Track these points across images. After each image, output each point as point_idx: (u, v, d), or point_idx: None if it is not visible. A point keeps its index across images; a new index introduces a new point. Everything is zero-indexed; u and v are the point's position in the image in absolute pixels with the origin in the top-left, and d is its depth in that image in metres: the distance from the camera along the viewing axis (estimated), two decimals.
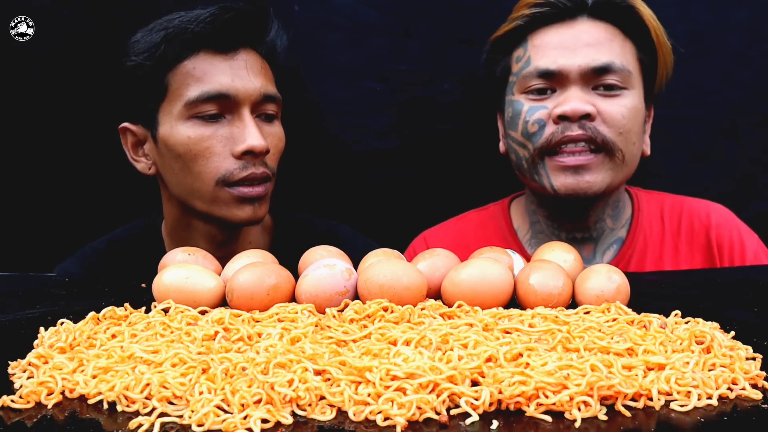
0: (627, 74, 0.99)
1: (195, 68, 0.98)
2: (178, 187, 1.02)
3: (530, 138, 1.00)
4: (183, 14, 0.99)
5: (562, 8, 1.00)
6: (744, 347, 0.62)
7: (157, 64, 0.98)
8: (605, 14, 1.00)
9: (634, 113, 1.00)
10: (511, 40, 1.05)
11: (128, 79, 1.01)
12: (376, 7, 1.28)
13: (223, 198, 0.99)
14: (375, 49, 1.29)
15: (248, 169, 0.99)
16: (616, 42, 1.00)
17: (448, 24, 1.27)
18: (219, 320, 0.66)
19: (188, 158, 0.98)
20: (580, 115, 0.97)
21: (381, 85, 1.30)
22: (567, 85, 0.99)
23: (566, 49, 0.99)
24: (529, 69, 1.01)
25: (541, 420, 0.52)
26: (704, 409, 0.54)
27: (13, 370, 0.61)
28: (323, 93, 1.30)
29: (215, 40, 0.99)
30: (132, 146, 1.05)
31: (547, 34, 1.01)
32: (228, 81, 0.98)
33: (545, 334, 0.62)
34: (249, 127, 0.98)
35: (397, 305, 0.68)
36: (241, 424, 0.51)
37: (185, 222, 1.06)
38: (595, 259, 1.09)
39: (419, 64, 1.29)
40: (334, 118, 1.31)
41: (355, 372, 0.55)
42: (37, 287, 0.91)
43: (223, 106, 0.98)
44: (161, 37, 0.98)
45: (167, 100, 0.99)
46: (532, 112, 1.00)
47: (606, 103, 0.98)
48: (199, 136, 0.98)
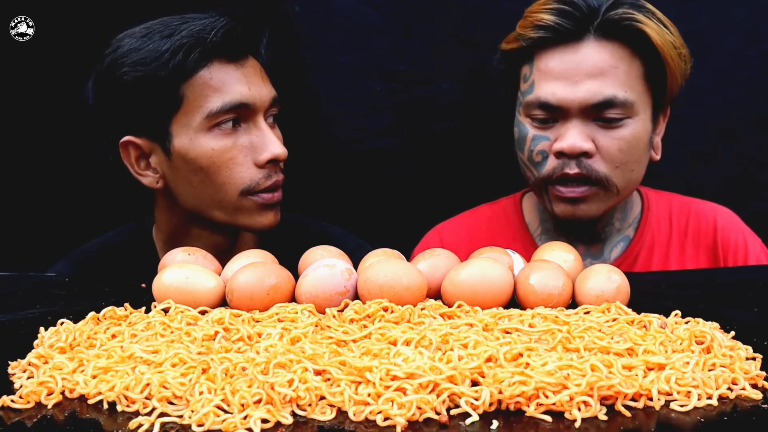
0: (629, 105, 0.99)
1: (212, 78, 0.96)
2: (195, 199, 1.00)
3: (535, 166, 1.03)
4: (186, 20, 0.97)
5: (565, 32, 0.99)
6: (744, 347, 0.62)
7: (171, 75, 0.94)
8: (612, 34, 0.99)
9: (633, 143, 1.00)
10: (519, 55, 1.04)
11: (133, 90, 0.95)
12: (376, 7, 1.28)
13: (246, 207, 0.99)
14: (375, 49, 1.29)
15: (272, 178, 0.99)
16: (620, 68, 0.99)
17: (448, 24, 1.27)
18: (219, 320, 0.66)
19: (212, 170, 0.96)
20: (578, 153, 0.98)
21: (381, 85, 1.30)
22: (568, 117, 0.99)
23: (568, 80, 0.98)
24: (532, 98, 1.01)
25: (541, 420, 0.52)
26: (704, 409, 0.54)
27: (13, 370, 0.61)
28: (323, 93, 1.30)
29: (229, 48, 0.97)
30: (136, 160, 1.00)
31: (552, 57, 1.00)
32: (245, 90, 0.97)
33: (545, 334, 0.62)
34: (268, 135, 0.98)
35: (397, 305, 0.68)
36: (241, 424, 0.51)
37: (185, 230, 1.05)
38: (603, 256, 1.10)
39: (419, 64, 1.29)
40: (334, 117, 1.31)
41: (355, 372, 0.55)
42: (37, 287, 0.91)
43: (241, 115, 0.98)
44: (175, 45, 0.94)
45: (182, 112, 0.96)
46: (536, 142, 1.02)
47: (605, 137, 0.99)
48: (223, 148, 0.96)
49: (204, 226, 1.03)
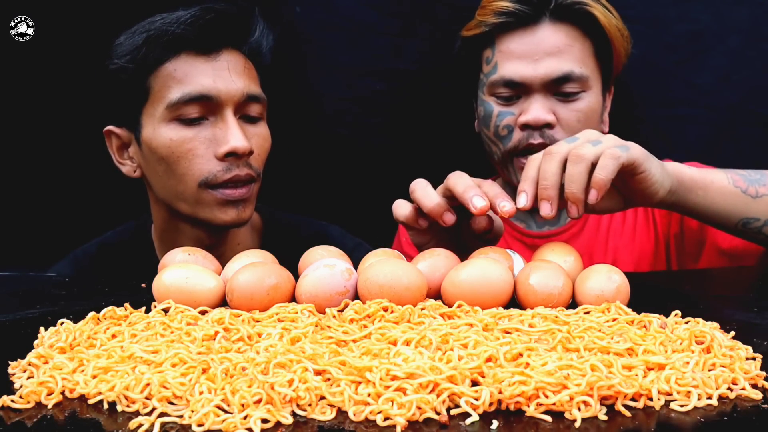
0: (585, 79, 1.09)
1: (176, 70, 0.97)
2: (163, 189, 1.02)
3: (501, 140, 1.12)
4: (165, 16, 0.99)
5: (524, 16, 1.08)
6: (744, 347, 0.62)
7: (139, 67, 0.97)
8: (565, 17, 1.09)
9: (589, 114, 1.10)
10: (480, 40, 1.13)
11: (111, 82, 1.00)
12: (376, 7, 1.28)
13: (206, 200, 0.99)
14: (375, 49, 1.29)
15: (232, 171, 0.98)
16: (575, 46, 1.09)
17: (448, 24, 1.27)
18: (219, 320, 0.66)
19: (171, 161, 0.98)
20: (541, 124, 1.07)
21: (381, 84, 1.30)
22: (530, 93, 1.09)
23: (529, 59, 1.08)
24: (496, 77, 1.10)
25: (541, 420, 0.52)
26: (704, 409, 0.54)
27: (13, 370, 0.61)
28: (324, 93, 1.30)
29: (196, 41, 0.98)
30: (117, 149, 1.05)
31: (512, 40, 1.09)
32: (210, 82, 0.97)
33: (545, 334, 0.62)
34: (232, 128, 0.98)
35: (397, 305, 0.68)
36: (241, 424, 0.51)
37: (173, 225, 1.06)
38: (559, 223, 1.19)
39: (419, 64, 1.29)
40: (335, 117, 1.31)
41: (355, 372, 0.55)
42: (37, 287, 0.91)
43: (206, 108, 0.98)
44: (143, 39, 0.97)
45: (150, 103, 0.99)
46: (501, 117, 1.11)
47: (565, 109, 1.09)
48: (181, 138, 0.97)
49: (184, 220, 1.04)
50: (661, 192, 0.81)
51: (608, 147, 0.77)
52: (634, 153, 0.77)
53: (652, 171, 0.79)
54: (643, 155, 0.78)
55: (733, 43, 1.27)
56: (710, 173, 0.88)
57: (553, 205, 0.76)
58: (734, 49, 1.27)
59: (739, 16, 1.27)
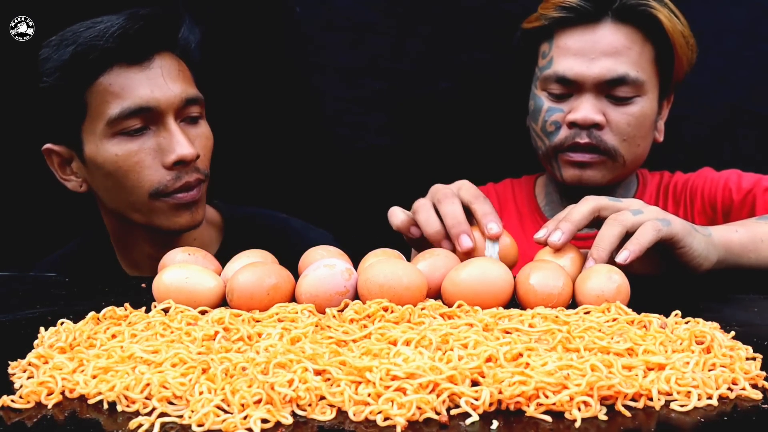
0: (640, 84, 1.06)
1: (111, 84, 0.95)
2: (114, 202, 1.01)
3: (548, 135, 1.10)
4: (90, 24, 0.96)
5: (585, 13, 1.06)
6: (744, 347, 0.62)
7: (70, 84, 0.95)
8: (628, 18, 1.06)
9: (641, 120, 1.08)
10: (539, 33, 1.12)
11: (45, 99, 0.97)
12: (376, 7, 1.28)
13: (159, 208, 0.99)
14: (375, 49, 1.29)
15: (182, 179, 0.98)
16: (634, 49, 1.06)
17: (448, 24, 1.27)
18: (219, 320, 0.66)
19: (119, 175, 0.97)
20: (589, 124, 1.06)
21: (381, 84, 1.30)
22: (582, 92, 1.07)
23: (585, 57, 1.06)
24: (550, 72, 1.08)
25: (541, 420, 0.52)
26: (704, 409, 0.54)
27: (13, 370, 0.61)
28: (323, 92, 1.30)
29: (127, 53, 0.96)
30: (59, 166, 1.03)
31: (571, 36, 1.07)
32: (147, 93, 0.96)
33: (545, 334, 0.62)
34: (176, 135, 0.97)
35: (397, 305, 0.68)
36: (241, 424, 0.51)
37: (126, 229, 1.06)
38: None
39: (419, 64, 1.29)
40: (335, 116, 1.31)
41: (355, 372, 0.55)
42: (37, 287, 0.91)
43: (147, 118, 0.97)
44: (69, 54, 0.94)
45: (88, 119, 0.97)
46: (551, 113, 1.09)
47: (615, 111, 1.07)
48: (127, 152, 0.96)
49: (137, 226, 1.03)
50: (705, 264, 0.81)
51: (649, 218, 0.76)
52: (675, 228, 0.77)
53: (694, 246, 0.79)
54: (683, 231, 0.78)
55: (732, 43, 1.27)
56: (758, 229, 0.87)
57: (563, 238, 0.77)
58: (733, 50, 1.27)
59: (736, 17, 1.27)
